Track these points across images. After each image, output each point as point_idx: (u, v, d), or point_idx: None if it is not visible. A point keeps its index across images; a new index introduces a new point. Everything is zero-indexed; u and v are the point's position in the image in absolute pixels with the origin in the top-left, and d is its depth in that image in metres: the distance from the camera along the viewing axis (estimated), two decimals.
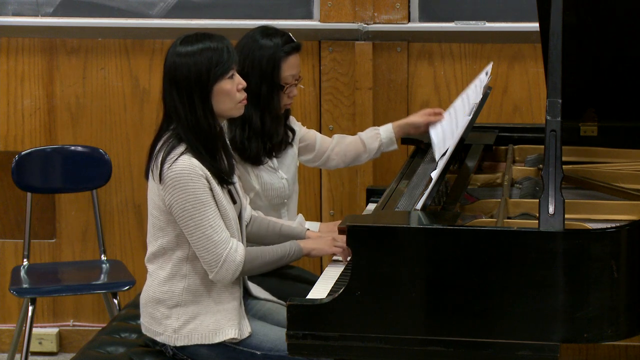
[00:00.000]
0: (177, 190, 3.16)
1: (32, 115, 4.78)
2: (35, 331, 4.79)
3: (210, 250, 3.19)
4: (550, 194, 2.87)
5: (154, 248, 3.30)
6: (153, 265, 3.32)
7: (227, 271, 3.21)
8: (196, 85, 3.18)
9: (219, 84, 3.21)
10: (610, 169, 3.61)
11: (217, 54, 3.20)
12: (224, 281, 3.24)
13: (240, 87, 3.25)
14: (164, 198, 3.19)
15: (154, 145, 3.25)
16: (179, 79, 3.19)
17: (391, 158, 4.63)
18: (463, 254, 2.86)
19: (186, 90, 3.19)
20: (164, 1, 4.67)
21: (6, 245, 4.89)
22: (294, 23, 4.58)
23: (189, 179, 3.16)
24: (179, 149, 3.19)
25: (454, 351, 2.88)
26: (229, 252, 3.20)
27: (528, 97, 4.59)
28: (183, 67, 3.19)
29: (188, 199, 3.16)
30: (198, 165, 3.17)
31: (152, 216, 3.28)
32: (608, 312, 2.85)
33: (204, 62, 3.18)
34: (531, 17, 3.90)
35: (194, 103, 3.19)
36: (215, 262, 3.20)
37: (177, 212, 3.18)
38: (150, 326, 3.33)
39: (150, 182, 3.27)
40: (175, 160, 3.16)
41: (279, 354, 3.25)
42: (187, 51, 3.20)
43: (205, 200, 3.18)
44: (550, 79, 2.97)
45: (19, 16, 4.71)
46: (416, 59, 4.61)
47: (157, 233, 3.28)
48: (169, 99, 3.23)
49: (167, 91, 3.23)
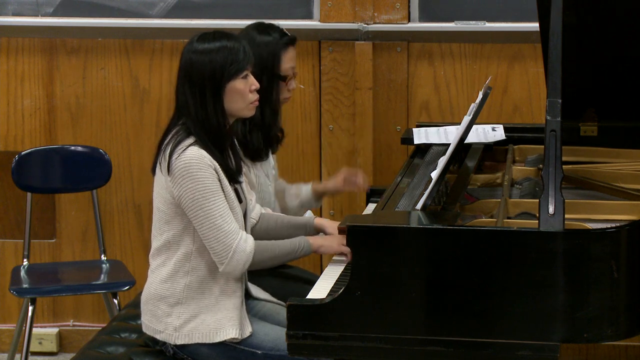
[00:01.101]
0: (186, 180, 3.17)
1: (32, 115, 4.78)
2: (35, 331, 4.78)
3: (221, 240, 3.19)
4: (550, 194, 2.87)
5: (159, 243, 3.30)
6: (156, 261, 3.32)
7: (237, 262, 3.21)
8: (209, 82, 3.21)
9: (232, 83, 3.23)
10: (610, 169, 3.61)
11: (233, 53, 3.22)
12: (234, 273, 3.23)
13: (253, 88, 3.28)
14: (172, 190, 3.20)
15: (163, 139, 3.26)
16: (193, 75, 3.22)
17: (391, 158, 4.63)
18: (463, 254, 2.86)
19: (199, 87, 3.21)
20: (164, 1, 4.67)
21: (6, 245, 4.89)
22: (294, 23, 4.58)
23: (197, 168, 3.17)
24: (188, 140, 3.21)
25: (454, 351, 2.88)
26: (239, 242, 3.20)
27: (528, 97, 4.59)
28: (198, 64, 3.21)
29: (198, 188, 3.17)
30: (207, 156, 3.19)
31: (159, 210, 3.28)
32: (608, 312, 2.85)
33: (219, 61, 3.21)
34: (531, 17, 3.90)
35: (205, 99, 3.21)
36: (226, 252, 3.19)
37: (187, 202, 3.18)
38: (150, 324, 3.33)
39: (157, 175, 3.27)
40: (184, 150, 3.18)
41: (279, 353, 3.25)
42: (204, 48, 3.22)
43: (215, 190, 3.18)
44: (550, 79, 2.97)
45: (19, 16, 4.71)
46: (416, 59, 4.61)
47: (162, 227, 3.28)
48: (181, 94, 3.25)
49: (180, 86, 3.26)
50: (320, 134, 4.67)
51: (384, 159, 4.65)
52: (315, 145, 4.69)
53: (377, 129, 4.63)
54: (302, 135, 4.68)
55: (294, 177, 4.66)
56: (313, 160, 4.71)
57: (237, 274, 3.24)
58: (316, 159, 4.70)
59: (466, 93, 4.60)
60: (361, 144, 4.61)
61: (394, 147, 4.63)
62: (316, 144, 4.69)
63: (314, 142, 4.69)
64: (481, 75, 4.58)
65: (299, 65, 4.59)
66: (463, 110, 4.42)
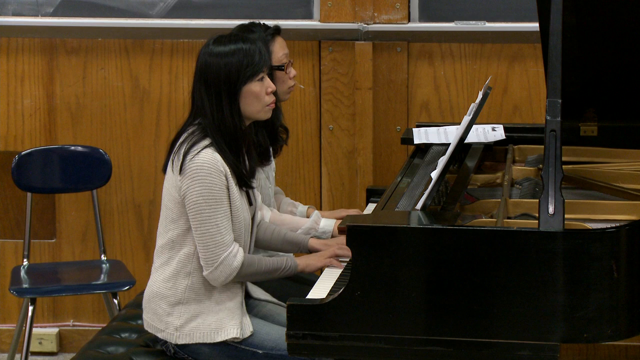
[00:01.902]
0: (195, 182, 3.18)
1: (32, 115, 4.78)
2: (35, 331, 4.79)
3: (210, 249, 3.20)
4: (550, 194, 2.87)
5: (164, 240, 3.31)
6: (160, 258, 3.33)
7: (221, 273, 3.22)
8: (225, 85, 3.21)
9: (248, 85, 3.23)
10: (610, 169, 3.61)
11: (248, 56, 3.23)
12: (216, 282, 3.25)
13: (269, 90, 3.28)
14: (180, 187, 3.21)
15: (177, 137, 3.27)
16: (209, 78, 3.22)
17: (391, 158, 4.63)
18: (463, 254, 2.86)
19: (215, 89, 3.22)
20: (164, 1, 4.67)
21: (6, 245, 4.89)
22: (294, 23, 4.58)
23: (208, 173, 3.17)
24: (204, 142, 3.21)
25: (454, 351, 2.88)
26: (227, 256, 3.21)
27: (528, 97, 4.59)
28: (214, 67, 3.22)
29: (203, 192, 3.17)
30: (220, 160, 3.19)
31: (166, 208, 3.29)
32: (608, 312, 2.85)
33: (235, 63, 3.21)
34: (531, 17, 3.90)
35: (221, 102, 3.22)
36: (212, 261, 3.21)
37: (189, 203, 3.19)
38: (152, 322, 3.33)
39: (168, 174, 3.28)
40: (199, 152, 3.19)
41: (280, 352, 3.26)
42: (220, 51, 3.23)
43: (219, 198, 3.19)
44: (550, 79, 2.97)
45: (19, 16, 4.71)
46: (416, 59, 4.61)
47: (168, 225, 3.29)
48: (197, 96, 3.26)
49: (197, 89, 3.26)
50: (320, 134, 4.67)
51: (384, 159, 4.65)
52: (315, 145, 4.69)
53: (377, 129, 4.63)
54: (302, 135, 4.68)
55: (294, 177, 4.66)
56: (313, 160, 4.71)
57: (218, 283, 3.26)
58: (316, 159, 4.70)
59: (466, 93, 4.60)
60: (361, 144, 4.61)
61: (394, 147, 4.63)
62: (316, 144, 4.69)
63: (314, 142, 4.69)
64: (481, 75, 4.58)
65: (299, 66, 4.59)
66: (463, 110, 4.43)
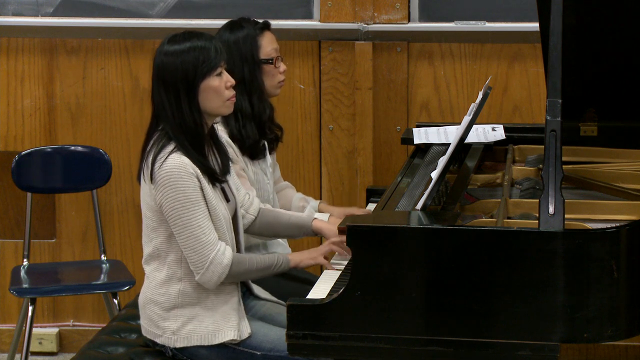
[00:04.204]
0: (168, 188, 3.17)
1: (32, 115, 4.78)
2: (35, 331, 4.78)
3: (198, 251, 3.19)
4: (550, 194, 2.87)
5: (149, 249, 3.30)
6: (149, 266, 3.32)
7: (213, 273, 3.21)
8: (183, 83, 3.20)
9: (206, 81, 3.22)
10: (610, 169, 3.61)
11: (204, 52, 3.21)
12: (209, 284, 3.23)
13: (228, 84, 3.26)
14: (156, 197, 3.20)
15: (145, 146, 3.26)
16: (166, 78, 3.21)
17: (391, 158, 4.63)
18: (463, 254, 2.86)
19: (173, 88, 3.20)
20: (164, 1, 4.67)
21: (6, 245, 4.89)
22: (294, 23, 4.58)
23: (179, 177, 3.16)
24: (169, 147, 3.20)
25: (454, 351, 2.88)
26: (215, 255, 3.21)
27: (528, 97, 4.59)
28: (170, 66, 3.20)
29: (178, 198, 3.16)
30: (189, 163, 3.18)
31: (146, 217, 3.28)
32: (608, 312, 2.85)
33: (191, 60, 3.20)
34: (531, 17, 3.90)
35: (180, 100, 3.20)
36: (202, 263, 3.20)
37: (167, 210, 3.18)
38: (149, 328, 3.33)
39: (142, 183, 3.27)
40: (166, 159, 3.17)
41: (278, 354, 3.25)
42: (175, 50, 3.21)
43: (195, 200, 3.18)
44: (550, 79, 2.97)
45: (19, 16, 4.71)
46: (416, 59, 4.61)
47: (150, 234, 3.28)
48: (157, 97, 3.25)
49: (155, 90, 3.25)
50: (320, 134, 4.67)
51: (384, 159, 4.65)
52: (315, 145, 4.69)
53: (377, 129, 4.63)
54: (302, 135, 4.68)
55: (294, 177, 4.66)
56: (313, 160, 4.71)
57: (211, 285, 3.24)
58: (316, 159, 4.70)
59: (466, 93, 4.60)
60: (361, 144, 4.61)
61: (394, 147, 4.63)
62: (316, 144, 4.69)
63: (314, 142, 4.69)
64: (481, 75, 4.58)
65: (299, 65, 4.59)
66: (463, 110, 4.42)
